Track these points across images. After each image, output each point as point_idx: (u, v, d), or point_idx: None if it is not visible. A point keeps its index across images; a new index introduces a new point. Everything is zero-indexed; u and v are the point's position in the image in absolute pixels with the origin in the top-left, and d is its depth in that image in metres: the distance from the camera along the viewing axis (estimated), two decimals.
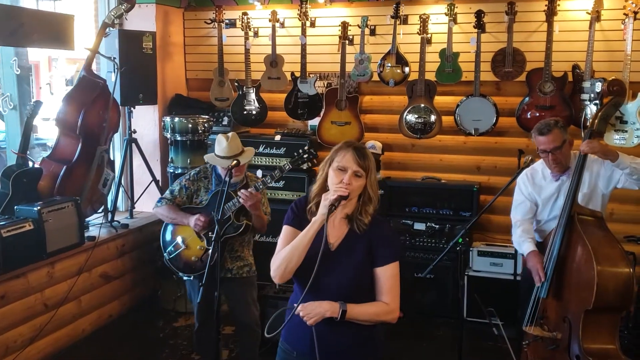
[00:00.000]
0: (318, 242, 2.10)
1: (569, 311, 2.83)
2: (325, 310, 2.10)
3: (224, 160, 3.37)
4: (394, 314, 2.16)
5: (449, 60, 4.67)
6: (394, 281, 2.17)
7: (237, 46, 5.31)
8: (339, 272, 2.15)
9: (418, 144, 5.06)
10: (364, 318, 2.14)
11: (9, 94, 4.44)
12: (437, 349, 4.33)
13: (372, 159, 2.16)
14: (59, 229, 3.98)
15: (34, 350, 3.91)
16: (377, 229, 2.18)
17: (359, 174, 2.12)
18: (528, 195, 3.42)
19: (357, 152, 2.14)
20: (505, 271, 4.58)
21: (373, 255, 2.15)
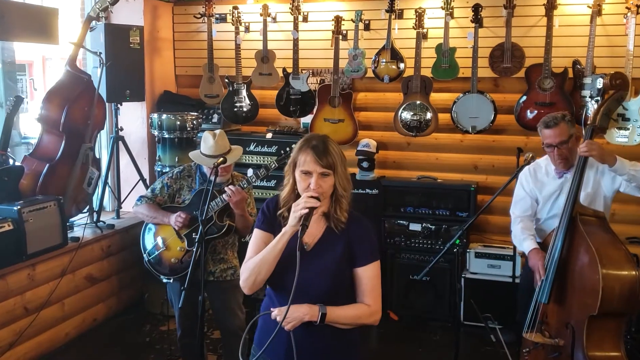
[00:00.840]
0: (292, 244, 1.97)
1: (572, 317, 2.69)
2: (304, 314, 1.96)
3: (210, 159, 3.22)
4: (376, 315, 2.06)
5: (446, 55, 4.54)
6: (376, 282, 2.06)
7: (227, 41, 5.17)
8: (316, 273, 2.00)
9: (413, 142, 4.93)
10: (345, 321, 2.03)
11: None
12: (433, 354, 4.19)
13: (337, 152, 2.01)
14: (40, 229, 3.83)
15: (13, 356, 3.75)
16: (355, 227, 2.07)
17: (325, 173, 1.99)
18: (529, 191, 3.29)
19: (317, 152, 1.98)
20: (504, 273, 4.45)
21: (352, 254, 2.04)
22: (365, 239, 2.07)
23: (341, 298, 2.04)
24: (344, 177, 2.02)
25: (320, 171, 1.97)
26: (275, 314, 1.96)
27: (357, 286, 2.05)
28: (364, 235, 2.08)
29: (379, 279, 2.08)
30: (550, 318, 2.88)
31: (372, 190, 4.77)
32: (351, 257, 2.04)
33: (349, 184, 2.05)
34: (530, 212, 3.32)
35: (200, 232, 2.61)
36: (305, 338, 2.00)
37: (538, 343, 2.82)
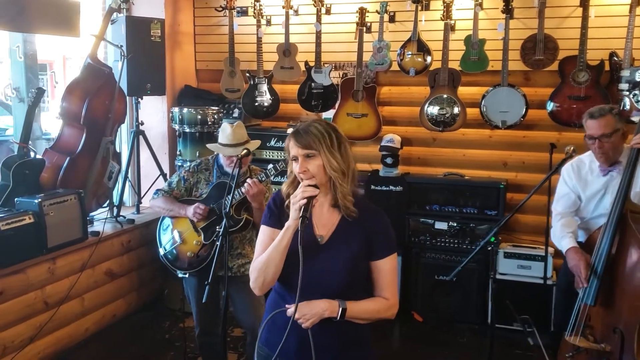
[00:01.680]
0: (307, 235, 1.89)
1: (621, 321, 2.52)
2: (324, 310, 1.86)
3: (230, 149, 3.13)
4: (394, 309, 2.00)
5: (475, 47, 4.38)
6: (394, 275, 2.00)
7: (248, 35, 5.08)
8: (332, 266, 1.91)
9: (440, 137, 4.78)
10: (365, 315, 1.95)
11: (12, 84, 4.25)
12: (461, 357, 4.04)
13: (322, 132, 1.89)
14: (60, 223, 3.78)
15: (34, 350, 3.71)
16: (371, 218, 1.98)
17: (310, 154, 1.89)
18: (572, 187, 3.14)
19: (296, 135, 1.92)
20: (534, 274, 4.28)
21: (370, 247, 1.95)
22: (382, 230, 1.99)
23: (357, 292, 1.96)
24: (332, 158, 1.88)
25: (302, 153, 1.89)
26: (291, 311, 1.83)
27: (374, 279, 1.98)
28: (381, 226, 1.99)
29: (396, 272, 2.02)
30: (594, 321, 2.72)
31: (396, 187, 4.63)
32: (368, 250, 1.95)
33: (343, 164, 1.89)
34: (574, 208, 3.17)
35: (224, 225, 2.51)
36: (320, 335, 1.89)
37: (581, 348, 2.66)
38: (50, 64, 10.03)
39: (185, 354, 3.81)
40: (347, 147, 1.94)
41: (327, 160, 1.87)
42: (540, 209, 4.36)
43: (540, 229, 4.41)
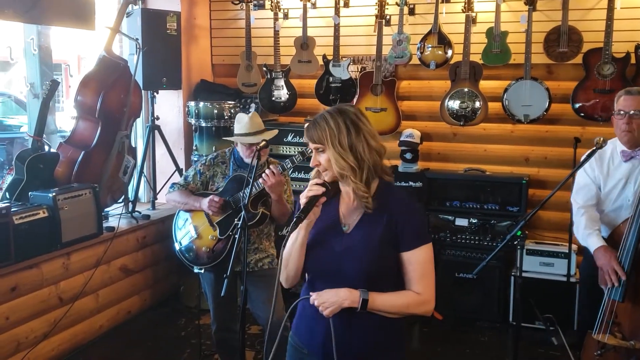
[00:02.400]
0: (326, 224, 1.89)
1: None
2: (343, 299, 1.78)
3: (251, 137, 3.06)
4: (428, 305, 1.86)
5: (497, 40, 4.28)
6: (426, 267, 1.85)
7: (266, 29, 5.00)
8: (355, 256, 1.82)
9: (460, 133, 4.68)
10: (390, 309, 1.83)
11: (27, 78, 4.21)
12: (482, 355, 3.94)
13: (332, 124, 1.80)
14: (75, 218, 3.72)
15: (48, 346, 3.66)
16: (397, 206, 1.86)
17: (319, 148, 1.84)
18: (594, 178, 3.03)
19: (307, 127, 1.88)
20: (557, 272, 4.18)
21: (396, 237, 1.83)
22: (410, 219, 1.86)
23: (387, 285, 1.85)
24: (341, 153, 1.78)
25: (313, 146, 1.86)
26: (313, 299, 1.82)
27: (404, 272, 1.86)
28: (408, 215, 1.86)
29: (430, 264, 1.87)
30: (622, 318, 2.62)
31: (415, 183, 4.54)
32: (395, 240, 1.83)
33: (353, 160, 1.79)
34: (594, 201, 3.05)
35: (243, 217, 2.43)
36: (345, 327, 1.82)
37: (609, 345, 2.56)
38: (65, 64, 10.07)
39: (201, 352, 3.74)
40: (362, 138, 1.80)
41: (333, 157, 1.80)
42: (563, 205, 4.25)
43: (563, 225, 4.31)
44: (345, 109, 1.86)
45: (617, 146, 2.99)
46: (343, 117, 1.82)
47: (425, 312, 1.86)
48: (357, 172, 1.79)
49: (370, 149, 1.81)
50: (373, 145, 1.83)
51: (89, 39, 4.76)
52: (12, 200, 3.63)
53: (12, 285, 3.37)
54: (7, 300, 3.35)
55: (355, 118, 1.83)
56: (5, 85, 8.41)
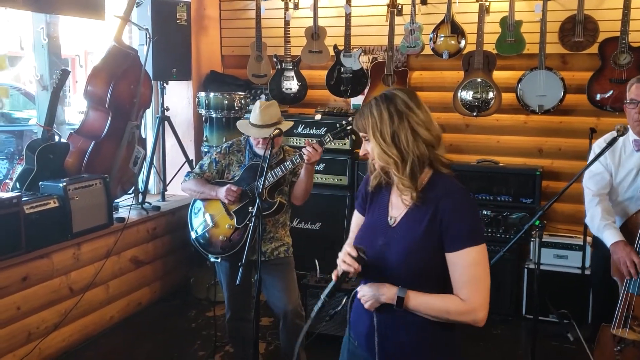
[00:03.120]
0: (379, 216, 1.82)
1: None
2: (381, 294, 1.71)
3: (255, 129, 3.03)
4: (475, 315, 1.64)
5: (511, 29, 4.22)
6: (473, 271, 1.65)
7: (276, 19, 4.96)
8: (397, 252, 1.73)
9: (473, 124, 4.63)
10: (428, 311, 1.69)
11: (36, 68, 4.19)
12: (495, 349, 3.90)
13: (373, 115, 1.72)
14: (86, 208, 3.70)
15: (59, 337, 3.64)
16: (447, 202, 1.69)
17: (365, 137, 1.77)
18: (606, 165, 2.98)
19: (357, 115, 1.80)
20: (572, 264, 4.13)
21: (442, 236, 1.68)
22: (457, 217, 1.67)
23: (431, 285, 1.71)
24: (382, 146, 1.70)
25: (361, 135, 1.79)
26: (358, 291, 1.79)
27: (451, 276, 1.69)
28: (456, 212, 1.68)
29: (479, 268, 1.66)
30: (638, 311, 2.57)
31: None
32: (439, 239, 1.69)
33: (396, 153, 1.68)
34: (607, 190, 3.01)
35: (258, 205, 2.40)
36: (388, 322, 1.76)
37: (629, 340, 2.51)
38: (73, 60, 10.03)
39: (214, 343, 3.71)
40: (407, 127, 1.69)
41: (375, 149, 1.71)
42: (577, 198, 4.17)
43: (577, 218, 4.25)
44: (394, 95, 1.74)
45: (630, 135, 2.93)
46: (388, 105, 1.71)
47: (472, 321, 1.66)
48: (399, 165, 1.69)
49: (417, 139, 1.69)
50: (421, 134, 1.70)
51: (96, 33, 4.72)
52: (22, 190, 3.61)
53: (23, 275, 3.35)
54: (19, 290, 3.33)
55: (403, 106, 1.71)
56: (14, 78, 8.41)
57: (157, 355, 3.75)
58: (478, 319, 1.65)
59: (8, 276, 3.26)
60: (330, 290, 1.73)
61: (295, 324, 3.08)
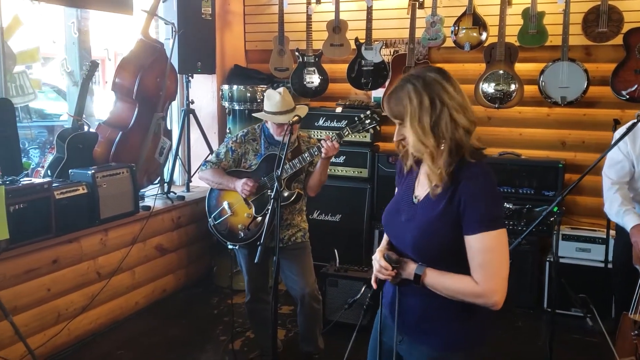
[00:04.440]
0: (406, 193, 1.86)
1: None
2: (402, 269, 1.77)
3: (282, 116, 3.08)
4: (489, 298, 1.64)
5: (533, 20, 4.21)
6: (488, 256, 1.64)
7: (298, 14, 5.03)
8: (416, 229, 1.75)
9: (495, 116, 4.62)
10: (443, 291, 1.71)
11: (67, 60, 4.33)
12: (516, 341, 3.89)
13: (410, 98, 1.65)
14: (113, 196, 3.83)
15: (86, 319, 3.76)
16: (467, 184, 1.66)
17: (399, 122, 1.74)
18: (627, 154, 2.95)
19: (388, 100, 1.75)
20: (594, 257, 4.09)
21: (460, 218, 1.67)
22: (476, 201, 1.65)
23: (450, 265, 1.71)
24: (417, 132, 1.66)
25: (395, 121, 1.75)
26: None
27: (468, 258, 1.68)
28: (476, 196, 1.65)
29: (497, 254, 1.65)
30: None
31: None
32: (457, 220, 1.68)
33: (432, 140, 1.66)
34: (628, 178, 2.99)
35: (276, 189, 2.46)
36: (408, 292, 1.80)
37: None
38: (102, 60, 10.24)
39: (232, 328, 3.79)
40: (447, 114, 1.65)
41: (412, 137, 1.67)
42: (600, 191, 4.15)
43: (600, 211, 4.19)
44: (431, 79, 1.67)
45: None
46: (428, 91, 1.65)
47: (485, 304, 1.66)
48: (434, 155, 1.67)
49: (456, 125, 1.66)
50: (460, 121, 1.66)
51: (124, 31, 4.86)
52: (53, 177, 3.74)
53: (53, 257, 3.48)
54: (49, 272, 3.46)
55: (441, 91, 1.65)
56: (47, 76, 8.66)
57: (181, 339, 3.85)
58: (490, 303, 1.66)
59: (39, 258, 3.39)
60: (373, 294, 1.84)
61: (312, 307, 3.14)
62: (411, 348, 1.84)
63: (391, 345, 1.87)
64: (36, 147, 5.22)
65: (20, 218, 3.17)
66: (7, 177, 3.19)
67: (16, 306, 3.24)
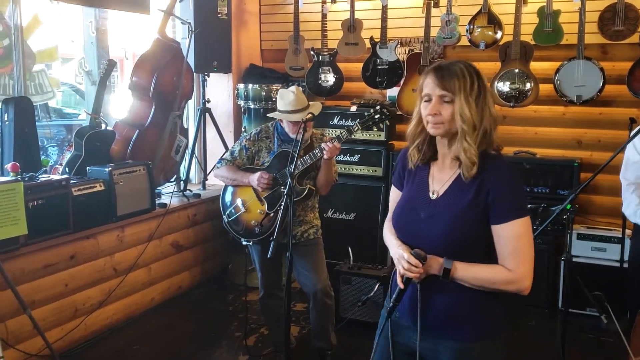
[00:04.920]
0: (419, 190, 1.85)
1: None
2: (428, 266, 1.75)
3: (297, 114, 3.11)
4: (520, 284, 1.71)
5: (549, 19, 4.19)
6: (519, 243, 1.71)
7: (314, 13, 5.05)
8: (440, 224, 1.76)
9: (510, 115, 4.60)
10: (474, 282, 1.73)
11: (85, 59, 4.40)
12: (530, 339, 3.87)
13: (468, 76, 1.70)
14: (130, 193, 3.88)
15: (103, 314, 3.82)
16: (494, 174, 1.72)
17: (447, 98, 1.70)
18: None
19: (438, 72, 1.72)
20: (610, 257, 4.06)
21: (488, 208, 1.72)
22: (504, 190, 1.72)
23: (476, 256, 1.75)
24: (469, 107, 1.69)
25: (439, 93, 1.71)
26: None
27: (496, 247, 1.74)
28: (504, 185, 1.72)
29: (524, 240, 1.72)
30: None
31: None
32: (485, 211, 1.72)
33: (477, 117, 1.70)
34: None
35: (289, 185, 2.49)
36: (431, 289, 1.78)
37: None
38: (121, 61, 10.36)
39: (246, 325, 3.83)
40: (487, 99, 1.73)
41: (460, 109, 1.69)
42: (616, 190, 4.11)
43: (616, 210, 4.16)
44: (477, 69, 1.77)
45: None
46: (478, 77, 1.74)
47: (516, 290, 1.73)
48: (475, 131, 1.71)
49: (491, 114, 1.74)
50: (492, 110, 1.75)
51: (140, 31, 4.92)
52: (71, 174, 3.81)
53: (70, 253, 3.54)
54: (67, 267, 3.53)
55: (485, 81, 1.76)
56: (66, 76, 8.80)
57: (196, 335, 3.90)
58: (523, 288, 1.73)
59: (57, 254, 3.45)
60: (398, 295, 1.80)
61: (324, 302, 3.17)
62: (435, 345, 1.82)
63: (408, 345, 1.86)
64: (55, 144, 5.31)
65: (39, 214, 3.23)
66: (26, 174, 3.25)
67: (34, 300, 3.30)
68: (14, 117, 3.49)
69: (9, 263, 3.10)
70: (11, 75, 3.66)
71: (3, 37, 3.58)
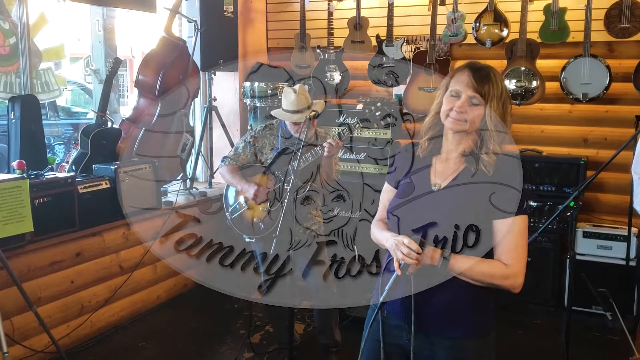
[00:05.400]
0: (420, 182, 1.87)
1: None
2: (426, 255, 1.72)
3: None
4: (515, 280, 1.74)
5: (555, 17, 4.16)
6: (517, 239, 1.74)
7: (320, 11, 5.05)
8: (442, 217, 1.76)
9: (516, 113, 4.55)
10: (472, 275, 1.73)
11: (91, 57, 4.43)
12: (535, 338, 3.87)
13: (500, 85, 1.75)
14: (135, 190, 3.90)
15: (109, 311, 3.85)
16: (496, 171, 1.77)
17: (475, 101, 1.74)
18: None
19: (475, 74, 1.74)
20: (616, 255, 4.04)
21: (492, 203, 1.75)
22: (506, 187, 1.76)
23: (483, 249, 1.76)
24: (496, 115, 1.75)
25: (471, 94, 1.74)
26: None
27: (495, 242, 1.75)
28: (507, 182, 1.77)
29: (523, 237, 1.76)
30: None
31: None
32: (485, 206, 1.75)
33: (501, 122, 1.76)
34: None
35: (292, 183, 2.49)
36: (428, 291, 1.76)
37: None
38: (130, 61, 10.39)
39: (251, 322, 3.84)
40: (509, 106, 1.81)
41: (490, 114, 1.74)
42: (623, 188, 4.12)
43: (622, 209, 4.16)
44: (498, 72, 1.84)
45: None
46: (503, 82, 1.80)
47: (510, 286, 1.75)
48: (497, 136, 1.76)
49: (509, 123, 1.80)
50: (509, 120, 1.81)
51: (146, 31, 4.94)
52: (77, 172, 3.83)
53: (77, 250, 3.57)
54: (72, 264, 3.55)
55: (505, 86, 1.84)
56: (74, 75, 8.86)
57: (201, 332, 3.92)
58: (517, 284, 1.75)
59: (63, 251, 3.48)
60: (394, 281, 1.76)
61: (327, 299, 3.17)
62: (429, 343, 1.82)
63: (398, 344, 1.85)
64: (61, 142, 5.34)
65: (45, 211, 3.26)
66: (32, 172, 3.27)
67: (40, 297, 3.33)
68: (20, 115, 3.51)
69: (15, 260, 3.13)
70: (18, 73, 3.68)
71: (9, 35, 3.61)
